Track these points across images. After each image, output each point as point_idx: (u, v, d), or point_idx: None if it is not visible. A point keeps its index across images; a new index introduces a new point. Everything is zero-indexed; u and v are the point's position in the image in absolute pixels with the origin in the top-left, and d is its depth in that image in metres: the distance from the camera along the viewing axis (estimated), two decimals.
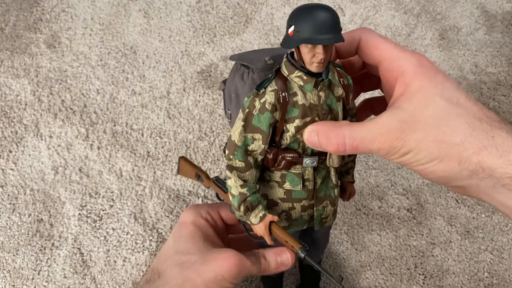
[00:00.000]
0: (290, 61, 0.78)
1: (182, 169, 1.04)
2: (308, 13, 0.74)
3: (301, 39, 0.72)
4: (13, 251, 1.10)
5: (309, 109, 0.78)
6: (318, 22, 0.72)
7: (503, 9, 1.60)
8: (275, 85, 0.78)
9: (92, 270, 1.10)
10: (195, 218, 0.95)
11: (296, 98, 0.78)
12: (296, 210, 0.86)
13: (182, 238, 0.92)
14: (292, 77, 0.78)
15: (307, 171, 0.84)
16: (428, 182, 1.30)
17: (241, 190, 0.79)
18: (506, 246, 1.21)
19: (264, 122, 0.78)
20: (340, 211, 1.24)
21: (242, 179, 0.80)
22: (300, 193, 0.85)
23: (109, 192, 1.19)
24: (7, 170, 1.20)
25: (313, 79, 0.77)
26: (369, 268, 1.16)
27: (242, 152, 0.79)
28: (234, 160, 0.79)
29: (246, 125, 0.78)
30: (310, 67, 0.76)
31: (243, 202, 0.79)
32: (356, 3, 1.57)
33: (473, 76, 1.47)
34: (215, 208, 0.99)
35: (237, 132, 0.79)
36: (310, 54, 0.74)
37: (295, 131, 0.79)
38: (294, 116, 0.78)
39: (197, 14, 1.49)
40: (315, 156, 0.82)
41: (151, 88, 1.35)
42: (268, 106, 0.76)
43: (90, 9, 1.45)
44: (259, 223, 0.81)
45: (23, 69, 1.33)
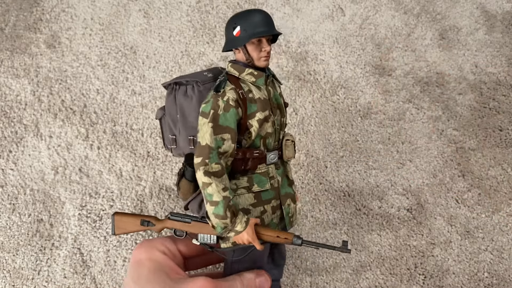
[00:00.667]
0: (237, 63, 0.86)
1: (119, 226, 0.94)
2: (249, 14, 0.84)
3: (252, 34, 0.82)
4: (13, 251, 1.10)
5: (264, 102, 0.84)
6: (261, 19, 0.83)
7: (503, 9, 1.60)
8: (231, 84, 0.83)
9: (92, 270, 1.10)
10: (150, 254, 0.88)
11: (251, 94, 0.83)
12: (268, 213, 0.86)
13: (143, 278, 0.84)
14: (243, 75, 0.84)
15: (271, 169, 0.87)
16: (428, 182, 1.30)
17: (224, 194, 0.78)
18: (506, 246, 1.21)
19: (231, 119, 0.80)
20: (340, 211, 1.24)
21: (223, 184, 0.79)
22: (269, 193, 0.86)
23: (109, 192, 1.19)
24: (7, 170, 1.20)
25: (263, 74, 0.85)
26: (369, 268, 1.16)
27: (217, 155, 0.79)
28: (210, 164, 0.78)
29: (215, 126, 0.79)
30: (258, 62, 0.84)
31: (228, 207, 0.78)
32: (356, 3, 1.57)
33: (473, 76, 1.47)
34: (170, 240, 0.92)
35: (208, 134, 0.79)
36: (258, 50, 0.83)
37: (258, 125, 0.83)
38: (254, 111, 0.83)
39: (197, 14, 1.48)
40: (275, 151, 0.87)
41: (151, 88, 1.35)
42: (232, 103, 0.80)
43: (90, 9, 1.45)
44: (245, 228, 0.79)
45: (23, 69, 1.33)
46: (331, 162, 1.30)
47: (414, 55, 1.50)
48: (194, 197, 0.88)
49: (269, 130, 0.85)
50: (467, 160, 1.34)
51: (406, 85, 1.44)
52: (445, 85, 1.45)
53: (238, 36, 0.83)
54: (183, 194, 0.90)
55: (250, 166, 0.84)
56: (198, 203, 0.88)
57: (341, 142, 1.34)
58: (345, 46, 1.49)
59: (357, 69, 1.45)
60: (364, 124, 1.37)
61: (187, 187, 0.89)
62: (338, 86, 1.42)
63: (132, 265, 0.88)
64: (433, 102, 1.42)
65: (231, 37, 0.84)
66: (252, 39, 0.82)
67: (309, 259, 1.16)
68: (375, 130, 1.36)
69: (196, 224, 0.89)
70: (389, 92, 1.43)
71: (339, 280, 1.15)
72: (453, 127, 1.39)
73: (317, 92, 1.40)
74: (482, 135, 1.38)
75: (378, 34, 1.52)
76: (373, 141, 1.35)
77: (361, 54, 1.48)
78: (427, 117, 1.39)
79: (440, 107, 1.41)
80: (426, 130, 1.38)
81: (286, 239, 0.82)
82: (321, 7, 1.55)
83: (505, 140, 1.37)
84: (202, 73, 0.90)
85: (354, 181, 1.28)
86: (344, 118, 1.37)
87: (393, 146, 1.34)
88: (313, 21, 1.52)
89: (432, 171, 1.31)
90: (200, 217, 0.89)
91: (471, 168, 1.33)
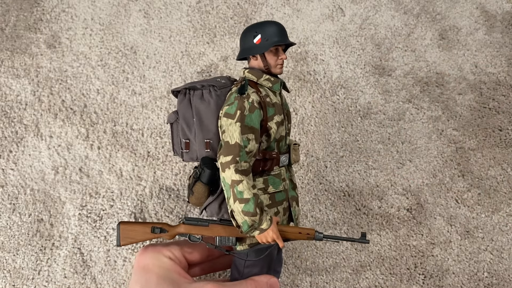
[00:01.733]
0: (255, 70, 0.91)
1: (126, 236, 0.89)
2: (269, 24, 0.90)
3: (273, 42, 0.88)
4: (13, 251, 1.11)
5: (279, 107, 0.89)
6: (280, 29, 0.90)
7: (503, 9, 1.60)
8: (252, 88, 0.88)
9: (92, 270, 1.10)
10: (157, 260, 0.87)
11: (268, 98, 0.88)
12: (280, 215, 0.89)
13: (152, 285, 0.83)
14: (261, 81, 0.90)
15: (282, 171, 0.91)
16: (428, 182, 1.30)
17: (254, 191, 0.81)
18: (506, 246, 1.21)
19: (256, 120, 0.85)
20: (340, 211, 1.24)
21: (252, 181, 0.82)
22: (281, 194, 0.89)
23: (109, 192, 1.19)
24: (7, 170, 1.20)
25: (279, 80, 0.91)
26: (369, 268, 1.16)
27: (245, 153, 0.82)
28: (240, 162, 0.81)
29: (242, 125, 0.83)
30: (274, 69, 0.90)
31: (258, 204, 0.80)
32: (356, 3, 1.57)
33: (473, 76, 1.47)
34: (175, 246, 0.92)
35: (237, 133, 0.82)
36: (275, 58, 0.89)
37: (276, 127, 0.87)
38: (272, 114, 0.87)
39: (197, 14, 1.49)
40: (286, 154, 0.92)
41: (151, 88, 1.35)
42: (256, 105, 0.85)
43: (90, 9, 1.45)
44: (270, 225, 0.81)
45: (23, 69, 1.33)
46: (331, 162, 1.31)
47: (414, 55, 1.50)
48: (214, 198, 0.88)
49: (283, 134, 0.90)
50: (467, 160, 1.34)
51: (406, 85, 1.44)
52: (445, 85, 1.46)
53: (258, 44, 0.89)
54: (197, 198, 0.89)
55: (268, 167, 0.87)
56: (218, 204, 0.88)
57: (341, 142, 1.34)
58: (345, 46, 1.49)
59: (357, 69, 1.45)
60: (364, 124, 1.37)
61: (202, 191, 0.89)
62: (338, 86, 1.42)
63: (138, 270, 0.86)
64: (433, 102, 1.42)
65: (251, 45, 0.89)
66: (270, 47, 0.88)
67: (309, 259, 1.16)
68: (375, 130, 1.36)
69: (214, 227, 0.88)
70: (389, 92, 1.43)
71: (339, 280, 1.15)
72: (453, 127, 1.39)
73: (317, 92, 1.40)
74: (482, 135, 1.38)
75: (378, 34, 1.52)
76: (373, 141, 1.35)
77: (361, 54, 1.48)
78: (427, 117, 1.40)
79: (440, 107, 1.41)
80: (426, 130, 1.38)
81: (308, 234, 0.84)
82: (321, 7, 1.55)
83: (505, 140, 1.37)
84: (216, 79, 0.94)
85: (354, 181, 1.29)
86: (344, 118, 1.37)
87: (393, 146, 1.35)
88: (313, 21, 1.52)
89: (432, 171, 1.32)
90: (218, 219, 0.89)
91: (471, 168, 1.33)
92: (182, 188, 1.21)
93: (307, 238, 0.85)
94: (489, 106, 1.42)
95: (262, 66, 0.90)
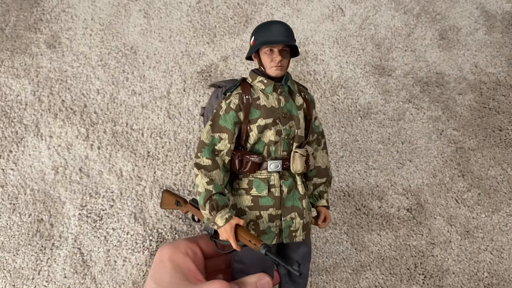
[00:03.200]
0: (254, 71, 0.92)
1: (165, 202, 1.08)
2: (265, 25, 0.90)
3: (260, 43, 0.87)
4: (13, 251, 1.11)
5: (270, 111, 0.88)
6: (273, 29, 0.88)
7: (503, 9, 1.60)
8: (240, 90, 0.90)
9: (92, 270, 1.10)
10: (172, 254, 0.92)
11: (258, 101, 0.88)
12: (264, 219, 0.88)
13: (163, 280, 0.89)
14: (255, 82, 0.90)
15: (273, 177, 0.88)
16: (428, 182, 1.30)
17: (207, 186, 0.83)
18: (506, 246, 1.21)
19: (230, 121, 0.87)
20: (340, 211, 1.24)
21: (209, 177, 0.84)
22: (267, 199, 0.88)
23: (109, 192, 1.19)
24: (7, 170, 1.20)
25: (272, 82, 0.89)
26: (369, 268, 1.16)
27: (209, 151, 0.86)
28: (201, 157, 0.85)
29: (214, 124, 0.87)
30: (269, 71, 0.88)
31: (208, 200, 0.82)
32: (356, 3, 1.57)
33: (473, 76, 1.47)
34: (193, 240, 0.97)
35: (205, 131, 0.87)
36: (269, 59, 0.87)
37: (257, 131, 0.87)
38: (256, 117, 0.87)
39: (197, 14, 1.49)
40: (278, 160, 0.88)
41: (151, 88, 1.35)
42: (232, 106, 0.87)
43: (90, 9, 1.45)
44: (224, 224, 0.82)
45: (24, 69, 1.33)
46: (331, 162, 1.31)
47: (414, 55, 1.50)
48: None
49: (272, 138, 0.88)
50: (467, 160, 1.34)
51: (406, 85, 1.44)
52: (445, 85, 1.46)
53: (252, 45, 0.90)
54: None
55: (248, 169, 0.87)
56: None
57: (341, 142, 1.34)
58: (345, 46, 1.49)
59: (357, 69, 1.45)
60: (364, 124, 1.37)
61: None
62: (338, 86, 1.42)
63: (155, 265, 0.93)
64: (433, 102, 1.42)
65: (250, 46, 0.91)
66: (264, 49, 0.87)
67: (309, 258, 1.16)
68: (375, 130, 1.36)
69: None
70: (389, 92, 1.43)
71: (339, 280, 1.15)
72: (453, 127, 1.39)
73: (317, 92, 1.40)
74: (482, 135, 1.38)
75: (378, 34, 1.52)
76: (373, 141, 1.35)
77: (361, 54, 1.48)
78: (427, 117, 1.40)
79: (440, 107, 1.41)
80: (426, 130, 1.38)
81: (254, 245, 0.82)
82: (321, 7, 1.55)
83: (505, 140, 1.37)
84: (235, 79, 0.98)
85: (354, 181, 1.28)
86: (344, 118, 1.37)
87: (393, 146, 1.35)
88: (313, 21, 1.52)
89: (432, 171, 1.32)
90: None
91: (471, 168, 1.33)
92: (182, 188, 1.22)
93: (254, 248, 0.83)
94: (489, 106, 1.42)
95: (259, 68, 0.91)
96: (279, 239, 0.89)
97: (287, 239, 0.89)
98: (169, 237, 1.15)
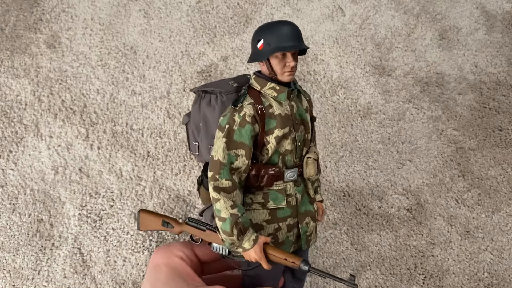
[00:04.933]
0: (259, 77, 0.82)
1: (143, 223, 0.96)
2: (274, 27, 0.80)
3: (274, 49, 0.78)
4: (13, 251, 1.10)
5: (285, 119, 0.81)
6: (285, 33, 0.78)
7: (503, 9, 1.60)
8: (250, 99, 0.80)
9: (92, 270, 1.10)
10: (168, 259, 0.88)
11: (271, 109, 0.80)
12: (283, 231, 0.83)
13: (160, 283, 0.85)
14: (265, 89, 0.81)
15: (289, 186, 0.83)
16: (428, 182, 1.30)
17: (232, 211, 0.76)
18: (506, 246, 1.21)
19: (246, 136, 0.78)
20: (340, 211, 1.24)
21: (232, 200, 0.77)
22: (285, 211, 0.83)
23: (109, 192, 1.19)
24: (7, 170, 1.20)
25: (285, 89, 0.81)
26: (369, 268, 1.16)
27: (228, 171, 0.77)
28: (220, 180, 0.77)
29: (229, 141, 0.78)
30: (282, 77, 0.80)
31: (235, 225, 0.76)
32: (356, 3, 1.57)
33: (473, 76, 1.47)
34: (188, 246, 0.93)
35: (220, 150, 0.78)
36: (281, 64, 0.79)
37: (276, 142, 0.80)
38: (273, 127, 0.80)
39: (197, 14, 1.48)
40: (295, 168, 0.83)
41: (151, 88, 1.35)
42: (248, 119, 0.78)
43: (90, 9, 1.45)
44: (253, 246, 0.77)
45: (23, 69, 1.33)
46: (331, 162, 1.30)
47: (414, 55, 1.50)
48: (208, 206, 0.88)
49: (289, 148, 0.82)
50: (467, 160, 1.34)
51: (406, 85, 1.44)
52: (445, 85, 1.45)
53: (261, 50, 0.80)
54: (202, 200, 0.90)
55: (265, 183, 0.81)
56: (211, 213, 0.87)
57: (341, 142, 1.34)
58: (345, 46, 1.49)
59: (357, 69, 1.45)
60: (364, 124, 1.37)
61: (205, 195, 0.88)
62: (338, 86, 1.42)
63: (150, 270, 0.89)
64: (433, 102, 1.42)
65: (255, 50, 0.82)
66: (275, 53, 0.79)
67: (309, 259, 1.16)
68: (375, 130, 1.36)
69: (210, 234, 0.88)
70: (389, 92, 1.43)
71: None
72: (453, 127, 1.39)
73: (317, 92, 1.40)
74: (482, 135, 1.38)
75: (378, 34, 1.52)
76: (373, 141, 1.35)
77: (361, 54, 1.48)
78: (427, 117, 1.40)
79: (440, 107, 1.41)
80: (426, 130, 1.38)
81: (293, 263, 0.78)
82: (321, 7, 1.55)
83: (505, 140, 1.37)
84: (228, 82, 0.89)
85: (354, 181, 1.28)
86: (344, 118, 1.37)
87: (393, 146, 1.35)
88: (313, 21, 1.52)
89: (432, 171, 1.32)
90: (214, 226, 0.87)
91: (471, 168, 1.33)
92: (182, 188, 1.21)
93: (292, 266, 0.79)
94: (489, 106, 1.42)
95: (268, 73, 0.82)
96: (297, 246, 0.86)
97: (305, 246, 0.86)
98: (169, 237, 1.15)
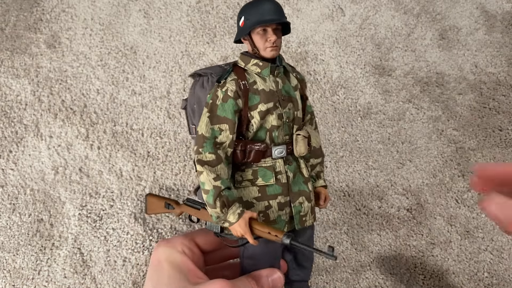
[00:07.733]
0: (245, 55, 0.86)
1: (150, 207, 1.02)
2: (253, 4, 0.84)
3: (253, 23, 0.81)
4: (13, 251, 1.10)
5: (269, 94, 0.83)
6: (265, 8, 0.82)
7: (503, 9, 1.60)
8: (234, 75, 0.84)
9: (92, 270, 1.10)
10: (169, 255, 0.88)
11: (256, 85, 0.83)
12: (273, 209, 0.84)
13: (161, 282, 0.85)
14: (249, 66, 0.85)
15: (278, 163, 0.85)
16: (428, 182, 1.30)
17: (215, 183, 0.78)
18: (506, 246, 1.21)
19: (229, 110, 0.81)
20: (340, 211, 1.24)
21: (215, 173, 0.79)
22: (275, 188, 0.84)
23: (109, 192, 1.19)
24: (7, 170, 1.20)
25: (268, 64, 0.84)
26: (369, 268, 1.16)
27: (211, 144, 0.80)
28: (204, 153, 0.80)
29: (212, 116, 0.81)
30: (264, 53, 0.83)
31: (218, 197, 0.78)
32: (356, 3, 1.57)
33: (473, 76, 1.47)
34: (189, 237, 0.93)
35: (204, 124, 0.81)
36: (263, 40, 0.82)
37: (260, 117, 0.82)
38: (256, 102, 0.82)
39: (197, 14, 1.48)
40: (282, 145, 0.85)
41: (151, 88, 1.35)
42: (230, 94, 0.81)
43: (90, 9, 1.45)
44: (238, 220, 0.78)
45: (23, 69, 1.33)
46: (331, 162, 1.31)
47: (414, 55, 1.50)
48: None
49: (275, 123, 0.84)
50: (467, 160, 1.34)
51: (406, 85, 1.44)
52: (445, 85, 1.45)
53: (242, 26, 0.84)
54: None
55: (252, 159, 0.83)
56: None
57: (341, 142, 1.34)
58: (345, 46, 1.49)
59: (357, 69, 1.45)
60: (364, 124, 1.37)
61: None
62: (338, 86, 1.42)
63: (152, 267, 0.89)
64: (433, 102, 1.42)
65: (239, 28, 0.85)
66: (257, 29, 0.81)
67: None
68: (375, 130, 1.36)
69: (204, 212, 0.89)
70: (389, 92, 1.43)
71: (339, 280, 1.15)
72: (453, 127, 1.39)
73: (317, 92, 1.40)
74: (482, 135, 1.38)
75: (378, 34, 1.52)
76: (373, 141, 1.35)
77: (361, 54, 1.48)
78: (427, 117, 1.40)
79: (440, 107, 1.41)
80: (426, 130, 1.38)
81: (276, 236, 0.79)
82: (321, 7, 1.55)
83: (505, 140, 1.37)
84: (221, 65, 0.91)
85: (354, 181, 1.28)
86: (344, 118, 1.37)
87: (393, 146, 1.35)
88: (313, 21, 1.52)
89: (432, 171, 1.32)
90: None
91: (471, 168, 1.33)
92: (182, 188, 1.21)
93: (275, 240, 0.80)
94: (489, 106, 1.42)
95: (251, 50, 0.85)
96: (290, 226, 0.86)
97: (298, 225, 0.86)
98: (169, 237, 1.15)
